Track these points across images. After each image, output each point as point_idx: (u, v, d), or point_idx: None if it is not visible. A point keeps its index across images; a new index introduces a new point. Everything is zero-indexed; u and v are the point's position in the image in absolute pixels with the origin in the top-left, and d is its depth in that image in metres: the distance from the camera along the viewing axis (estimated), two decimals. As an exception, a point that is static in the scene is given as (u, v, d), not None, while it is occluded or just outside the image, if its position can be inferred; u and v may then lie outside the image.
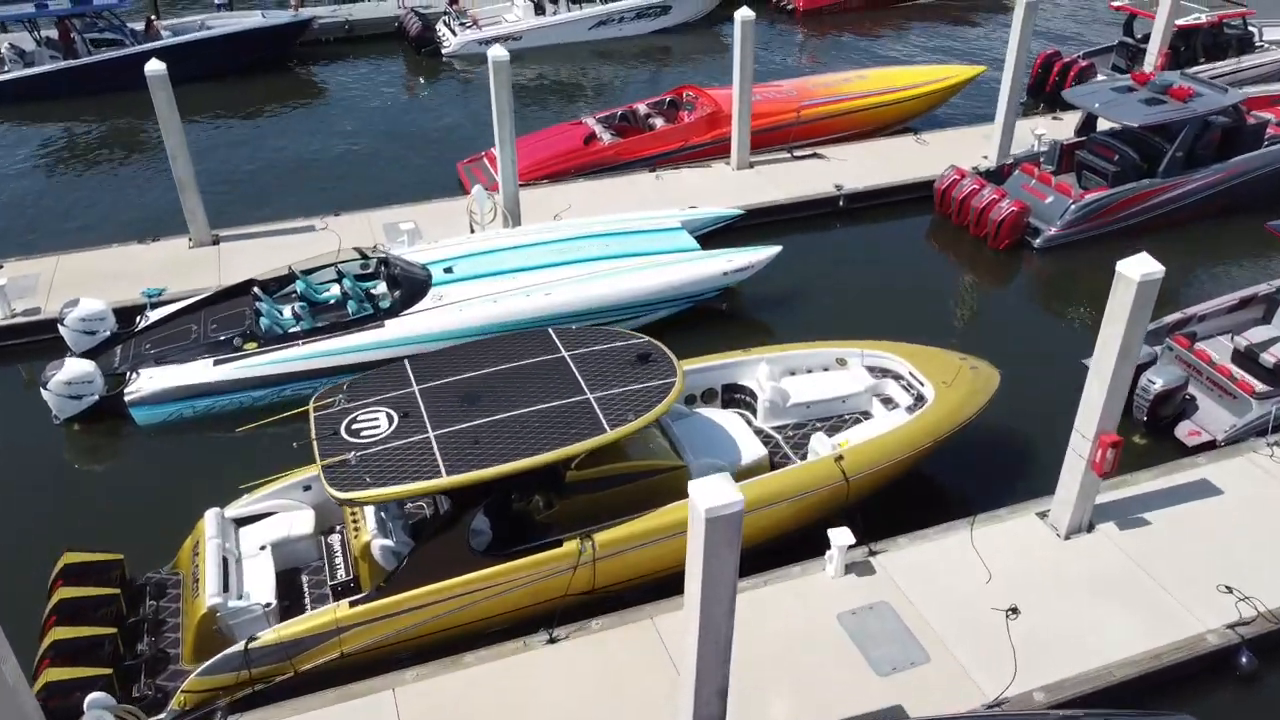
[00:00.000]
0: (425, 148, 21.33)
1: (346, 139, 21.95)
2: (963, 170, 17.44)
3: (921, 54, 27.52)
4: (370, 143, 21.74)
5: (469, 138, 21.37)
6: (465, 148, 20.65)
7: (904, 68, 22.12)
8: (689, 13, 29.48)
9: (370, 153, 21.19)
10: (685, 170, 18.64)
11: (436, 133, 22.24)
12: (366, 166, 20.47)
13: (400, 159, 20.77)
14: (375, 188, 19.07)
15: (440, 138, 21.90)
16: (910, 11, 31.62)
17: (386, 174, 20.02)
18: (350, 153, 21.20)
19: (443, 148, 21.11)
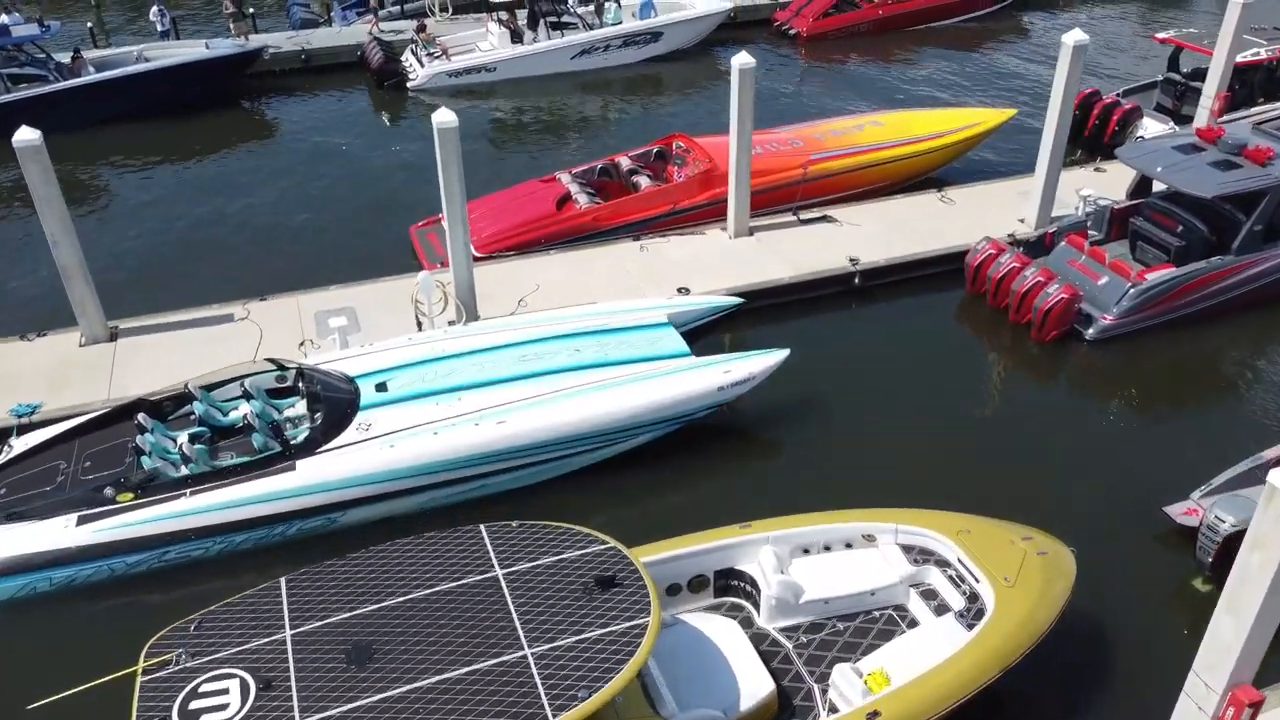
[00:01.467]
0: (379, 203, 18.88)
1: (288, 193, 19.49)
2: (999, 244, 15.00)
3: (938, 84, 25.13)
4: (316, 196, 19.29)
5: (430, 189, 18.78)
6: (425, 203, 18.16)
7: (923, 111, 19.69)
8: (681, 40, 27.08)
9: (314, 210, 18.74)
10: (675, 239, 16.19)
11: (394, 183, 19.78)
12: (308, 229, 18.02)
13: (349, 218, 18.31)
14: (314, 259, 16.65)
15: (398, 189, 19.44)
16: (924, 36, 29.24)
17: (330, 238, 17.56)
18: (291, 211, 18.73)
19: (399, 202, 18.65)
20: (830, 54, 28.02)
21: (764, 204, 16.70)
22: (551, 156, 20.92)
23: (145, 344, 13.56)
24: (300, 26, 28.01)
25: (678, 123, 22.53)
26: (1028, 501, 10.87)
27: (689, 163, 17.22)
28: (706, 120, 22.39)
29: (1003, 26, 30.33)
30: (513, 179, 19.06)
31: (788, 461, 12.04)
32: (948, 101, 23.73)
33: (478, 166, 20.07)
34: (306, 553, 10.59)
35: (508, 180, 18.89)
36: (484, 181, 18.80)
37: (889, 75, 25.99)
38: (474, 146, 21.49)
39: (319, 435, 10.79)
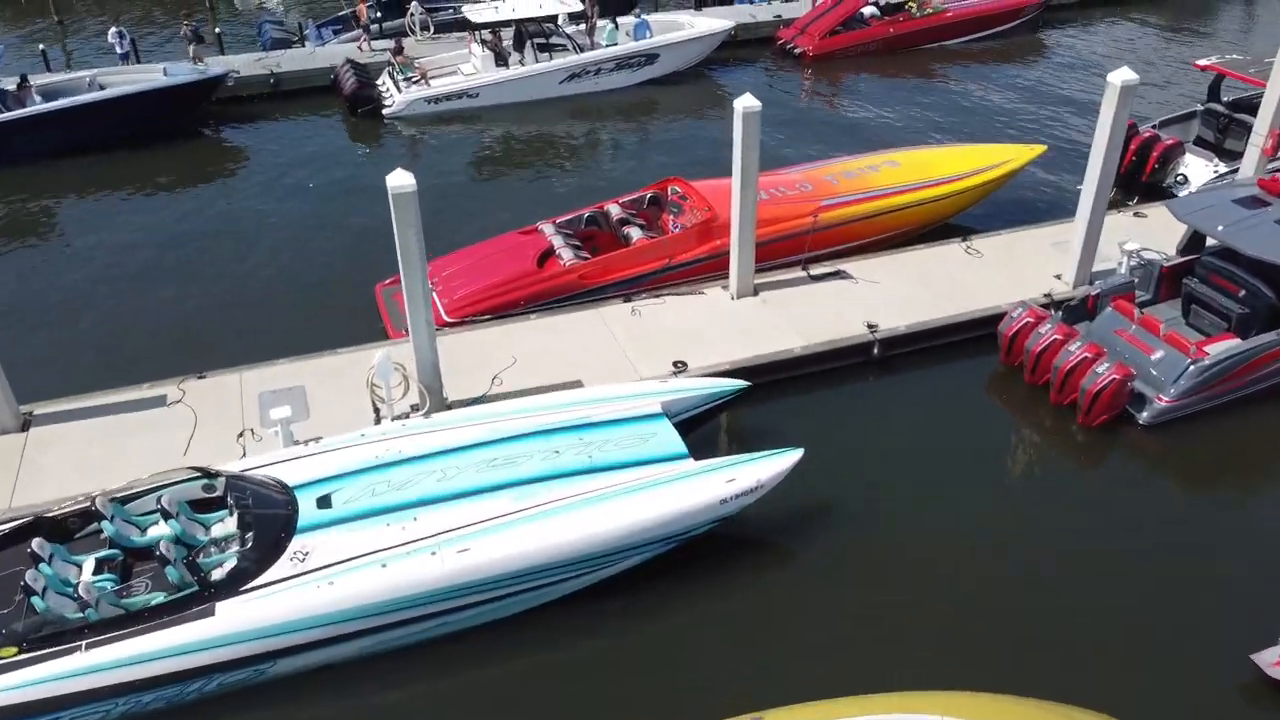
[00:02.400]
0: (346, 252, 17.25)
1: (245, 239, 17.86)
2: (1037, 311, 13.36)
3: (955, 109, 23.53)
4: (275, 244, 17.66)
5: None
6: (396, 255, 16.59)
7: (943, 148, 18.08)
8: (679, 61, 25.49)
9: (272, 260, 17.11)
10: (670, 299, 14.54)
11: (364, 228, 18.05)
12: (262, 283, 16.37)
13: (309, 271, 16.67)
14: (265, 321, 15.02)
15: (368, 235, 17.68)
16: (937, 55, 27.66)
17: (286, 295, 15.92)
18: (245, 260, 17.10)
19: (368, 252, 16.94)
20: (838, 74, 26.43)
21: (770, 255, 15.10)
22: (535, 196, 19.29)
23: (62, 435, 11.90)
24: (271, 47, 26.40)
25: (675, 156, 21.01)
26: (1082, 652, 9.28)
27: (686, 211, 15.59)
28: (706, 152, 20.84)
29: (1020, 44, 28.77)
30: (491, 223, 17.51)
31: (794, 585, 10.40)
32: (967, 130, 22.15)
33: (453, 209, 18.58)
34: (229, 707, 9.01)
35: (485, 226, 17.32)
36: (458, 228, 17.35)
37: (902, 99, 24.38)
38: (450, 183, 19.98)
39: (246, 566, 9.13)
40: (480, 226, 17.48)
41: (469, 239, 16.50)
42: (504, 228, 16.68)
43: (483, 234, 16.83)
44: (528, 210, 18.30)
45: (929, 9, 27.91)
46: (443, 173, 20.63)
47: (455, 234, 17.21)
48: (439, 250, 15.88)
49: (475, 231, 17.18)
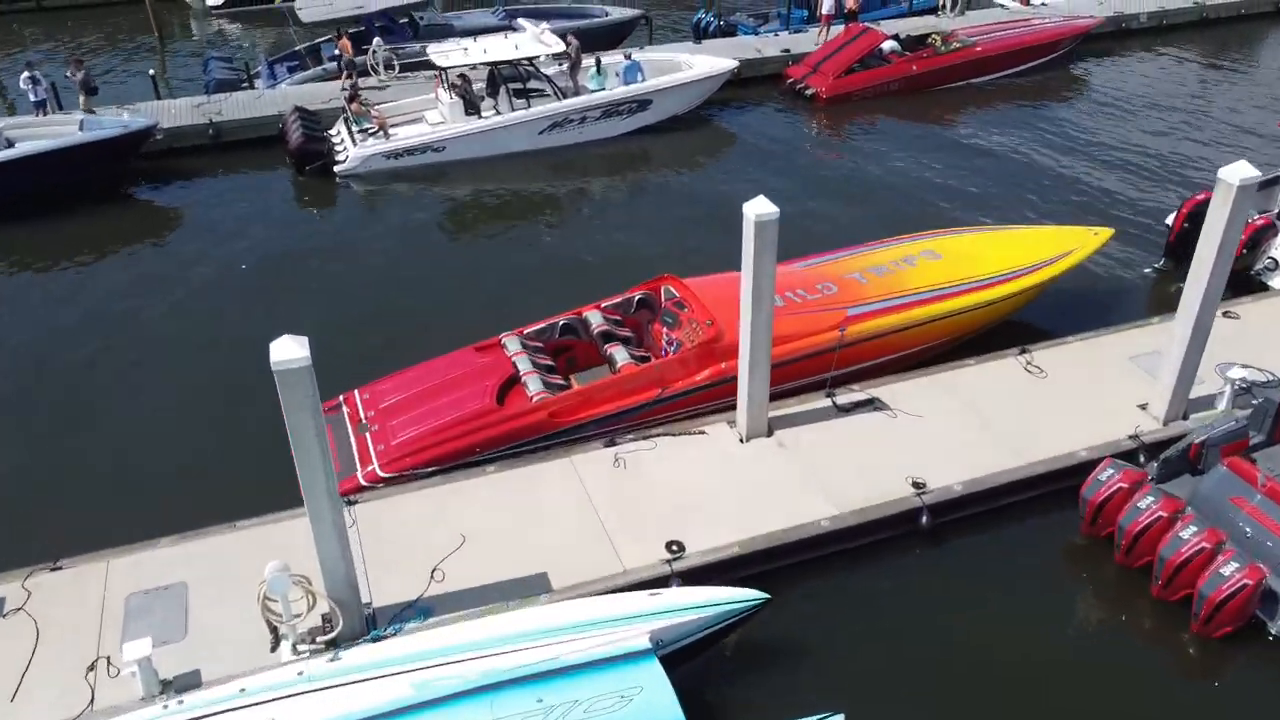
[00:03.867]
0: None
1: (145, 348, 15.05)
2: (1132, 474, 10.62)
3: (991, 163, 20.83)
4: (183, 355, 14.84)
5: (349, 342, 14.53)
6: (336, 366, 13.83)
7: (990, 232, 15.32)
8: (676, 106, 22.79)
9: (173, 377, 14.28)
10: (663, 443, 11.80)
11: (300, 330, 15.37)
12: (153, 414, 13.44)
13: (220, 392, 13.84)
14: (151, 474, 12.25)
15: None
16: (964, 95, 25.00)
17: (183, 431, 13.07)
18: (140, 381, 14.26)
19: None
20: (855, 119, 23.74)
21: (787, 378, 12.40)
22: (506, 277, 16.58)
23: None
24: (215, 89, 23.67)
25: (671, 221, 18.31)
26: None
27: (683, 322, 12.85)
28: (706, 215, 18.23)
29: (1054, 81, 26.14)
30: (449, 316, 15.03)
31: None
32: (1006, 191, 19.51)
33: (407, 294, 16.07)
34: None
35: (442, 319, 14.82)
36: (410, 320, 14.80)
37: (930, 150, 21.68)
38: (405, 260, 17.39)
39: None
40: (436, 320, 15.00)
41: (421, 337, 13.96)
42: (463, 324, 14.17)
43: (439, 330, 14.33)
44: (496, 298, 15.81)
45: (955, 44, 25.24)
46: (398, 244, 17.96)
47: (405, 329, 14.71)
48: (384, 356, 13.33)
49: (430, 327, 14.67)
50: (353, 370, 13.33)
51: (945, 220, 18.13)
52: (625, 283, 15.55)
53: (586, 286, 15.62)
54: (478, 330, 13.33)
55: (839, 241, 16.02)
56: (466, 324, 14.79)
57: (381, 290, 16.26)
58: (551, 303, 14.85)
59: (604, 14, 27.85)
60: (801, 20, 28.58)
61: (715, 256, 15.83)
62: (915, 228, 17.24)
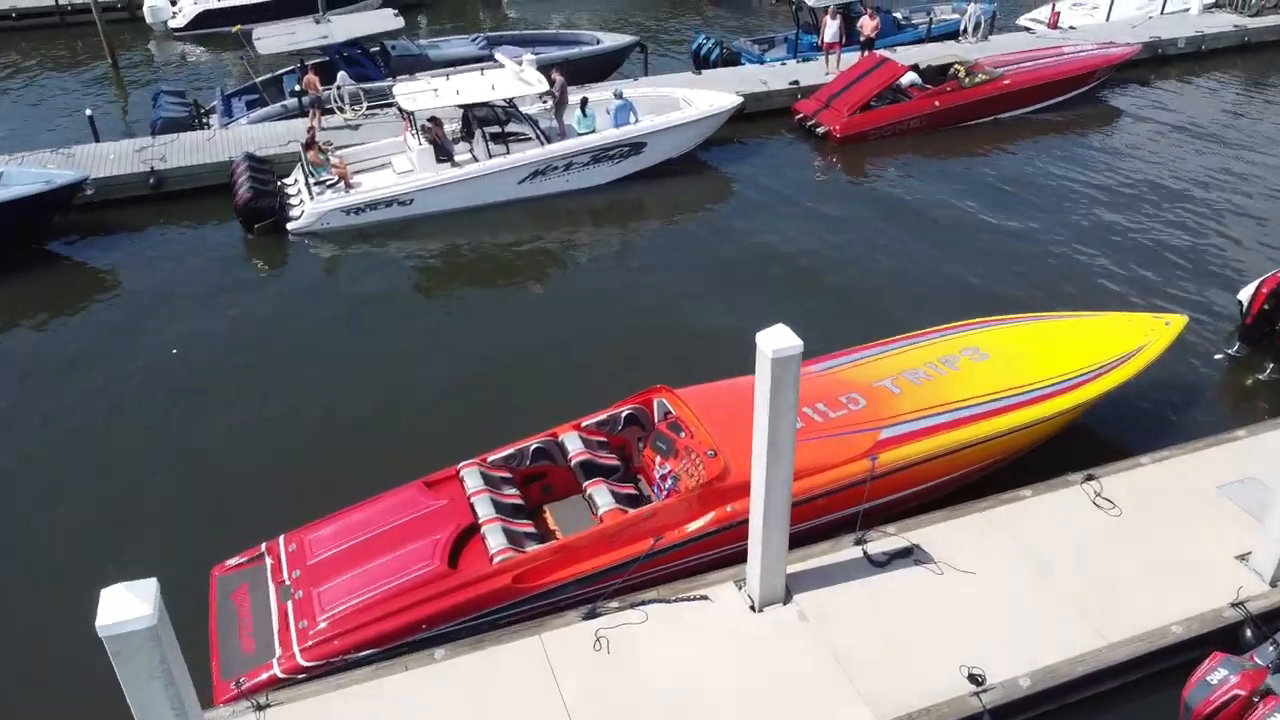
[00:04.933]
0: (205, 475, 12.34)
1: (47, 463, 12.87)
2: (1250, 675, 8.43)
3: (1030, 217, 18.63)
4: (92, 470, 12.67)
5: (276, 467, 12.42)
6: (264, 498, 11.76)
7: (1043, 322, 13.07)
8: (672, 149, 20.67)
9: (77, 495, 12.13)
10: (656, 614, 9.61)
11: (235, 431, 13.24)
12: (47, 557, 11.35)
13: (128, 520, 11.71)
14: (33, 640, 10.05)
15: (238, 446, 12.91)
16: (993, 131, 22.90)
17: (74, 575, 10.89)
18: (35, 508, 12.09)
19: (233, 479, 12.18)
20: (872, 162, 21.60)
21: (807, 516, 10.24)
22: (474, 368, 14.38)
23: None
24: (161, 130, 21.50)
25: (669, 289, 16.14)
26: None
27: (679, 450, 10.67)
28: (707, 287, 16.16)
29: (1088, 116, 24.02)
30: (398, 430, 12.75)
31: None
32: (1048, 251, 17.33)
33: (354, 391, 13.88)
34: None
35: (389, 433, 12.61)
36: (348, 440, 12.55)
37: (958, 200, 19.53)
38: (355, 343, 15.14)
39: None
40: (389, 426, 12.83)
41: (370, 452, 11.94)
42: (423, 430, 12.10)
43: (392, 440, 12.31)
44: (463, 392, 13.58)
45: (981, 76, 23.10)
46: (351, 323, 15.81)
47: (351, 441, 12.67)
48: (324, 479, 11.25)
49: (381, 438, 12.56)
50: (285, 499, 11.30)
51: (977, 288, 16.03)
52: (614, 370, 13.57)
53: (569, 380, 13.60)
54: (438, 441, 11.29)
55: (858, 317, 13.93)
56: (426, 430, 12.75)
57: (326, 385, 14.07)
58: (527, 404, 12.83)
59: (595, 41, 25.73)
60: (811, 47, 26.45)
61: (717, 340, 13.86)
62: (945, 295, 15.20)
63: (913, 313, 14.66)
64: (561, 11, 35.39)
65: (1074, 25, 29.11)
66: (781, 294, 15.95)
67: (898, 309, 15.25)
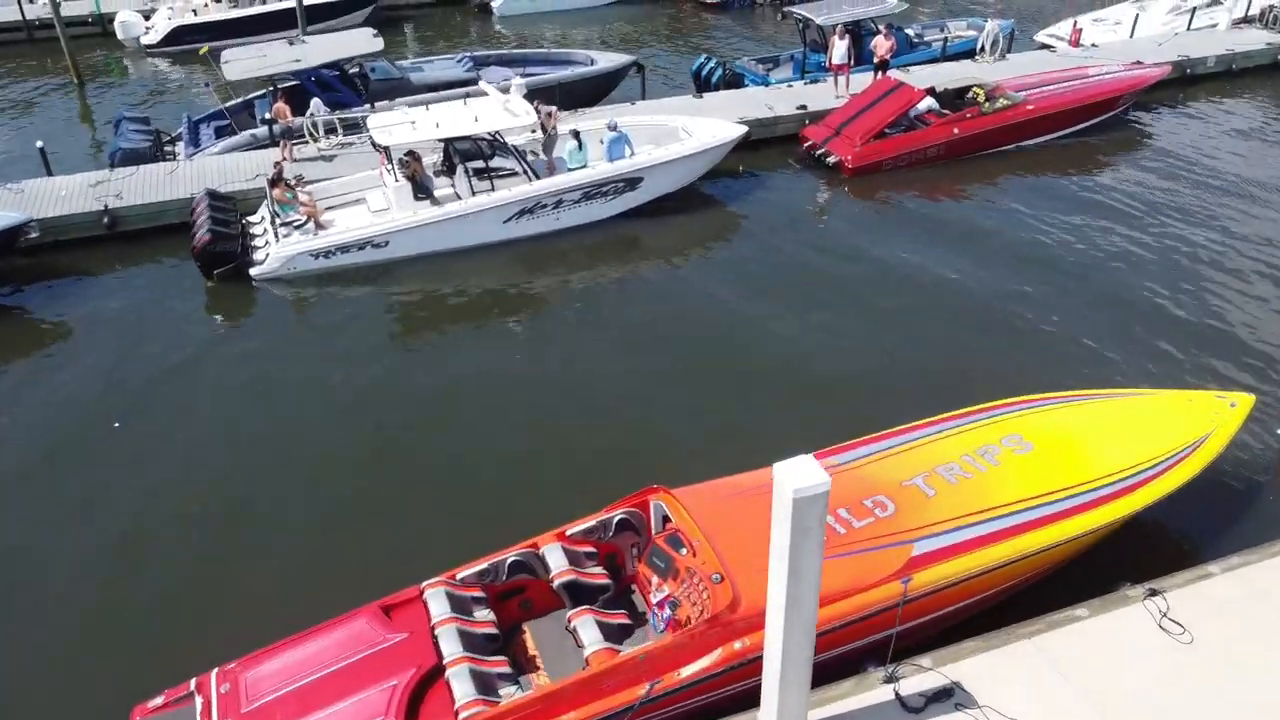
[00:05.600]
0: (119, 602, 10.87)
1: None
2: None
3: (1065, 261, 17.18)
4: (17, 559, 11.24)
5: (217, 574, 10.99)
6: (199, 619, 10.33)
7: (1090, 402, 11.58)
8: (671, 183, 19.27)
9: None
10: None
11: (185, 521, 11.81)
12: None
13: (51, 630, 10.27)
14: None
15: (178, 552, 11.47)
16: (1014, 163, 21.48)
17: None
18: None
19: (167, 603, 10.75)
20: (887, 196, 20.17)
21: (827, 646, 8.78)
22: (447, 448, 12.93)
23: None
24: (121, 161, 20.06)
25: (664, 354, 14.63)
26: None
27: (679, 571, 9.22)
28: (709, 346, 14.76)
29: (1116, 142, 22.66)
30: (360, 531, 11.30)
31: None
32: (1082, 300, 15.83)
33: (305, 485, 12.27)
34: None
35: (350, 531, 11.18)
36: (302, 539, 11.09)
37: (981, 241, 18.07)
38: (315, 415, 13.65)
39: None
40: (350, 525, 11.37)
41: (319, 565, 10.47)
42: (386, 534, 10.72)
43: (354, 541, 10.90)
44: (433, 479, 12.14)
45: (1003, 101, 21.68)
46: (315, 390, 14.32)
47: (307, 541, 11.20)
48: (274, 591, 9.86)
49: (334, 540, 11.08)
50: (225, 613, 9.86)
51: (1007, 353, 14.54)
52: (604, 454, 12.14)
53: (554, 468, 12.14)
54: (402, 545, 9.77)
55: (878, 384, 12.49)
56: (388, 532, 11.28)
57: (280, 471, 12.61)
58: (505, 498, 11.40)
59: (589, 62, 24.31)
60: (818, 67, 25.03)
61: (724, 416, 12.44)
62: (976, 356, 13.76)
63: (931, 367, 13.23)
64: (554, 24, 34.03)
65: (1096, 43, 27.71)
66: (793, 359, 14.56)
67: (916, 363, 13.83)
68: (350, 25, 32.90)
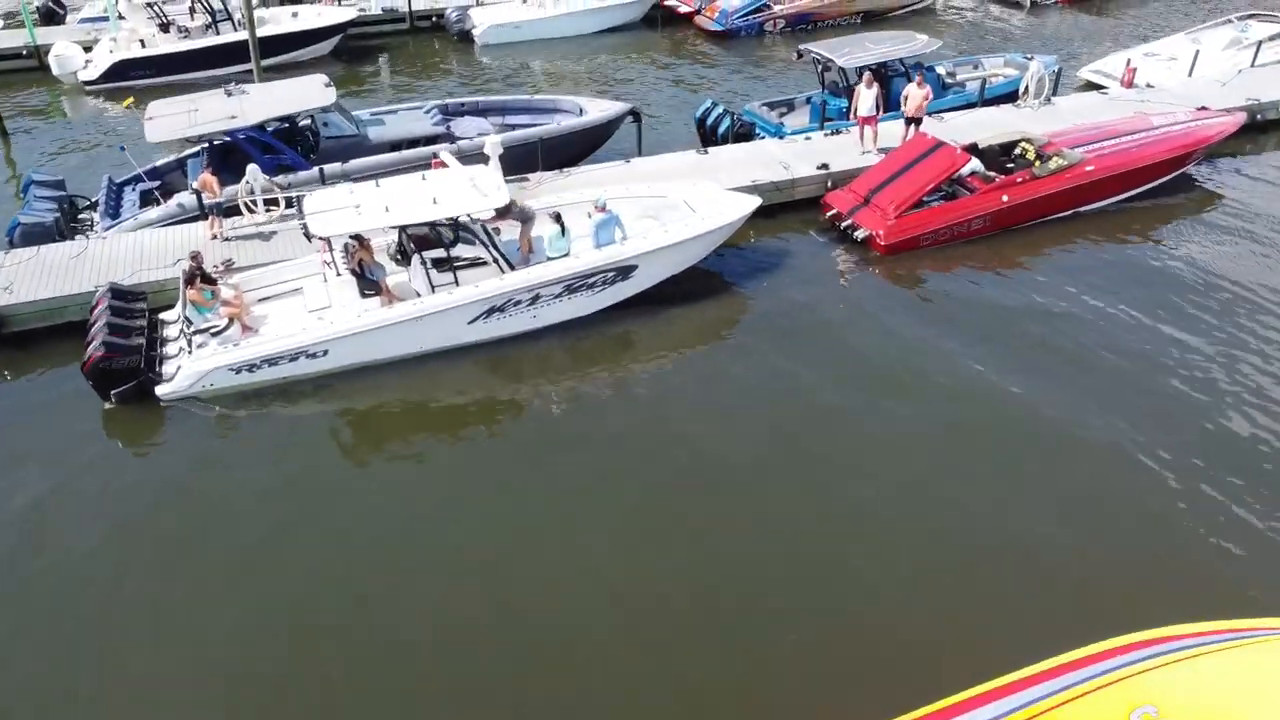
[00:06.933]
0: None
1: None
2: None
3: (1158, 366, 14.26)
4: None
5: None
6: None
7: (1236, 644, 8.65)
8: (670, 268, 16.40)
9: None
10: None
11: None
12: None
13: None
14: None
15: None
16: (1074, 231, 18.63)
17: None
18: None
19: None
20: (926, 275, 17.42)
21: None
22: (382, 664, 10.02)
23: None
24: (18, 241, 17.18)
25: (662, 505, 11.73)
26: None
27: None
28: (712, 490, 11.88)
29: (1186, 205, 19.86)
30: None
31: None
32: (1190, 442, 12.92)
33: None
34: None
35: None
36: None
37: (1055, 341, 15.17)
38: (193, 602, 10.69)
39: None
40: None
41: None
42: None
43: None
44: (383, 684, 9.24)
45: (1057, 160, 18.80)
46: (228, 526, 11.44)
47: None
48: None
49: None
50: None
51: (1109, 533, 11.59)
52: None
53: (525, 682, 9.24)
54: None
55: (914, 602, 9.66)
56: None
57: (171, 648, 9.74)
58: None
59: (578, 111, 21.44)
60: (840, 113, 22.14)
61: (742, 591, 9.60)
62: (1057, 542, 10.89)
63: (1010, 594, 10.33)
64: (540, 54, 31.20)
65: (1152, 83, 24.83)
66: (821, 521, 11.71)
67: (987, 584, 10.95)
68: (316, 56, 30.24)
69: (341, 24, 30.73)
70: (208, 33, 28.83)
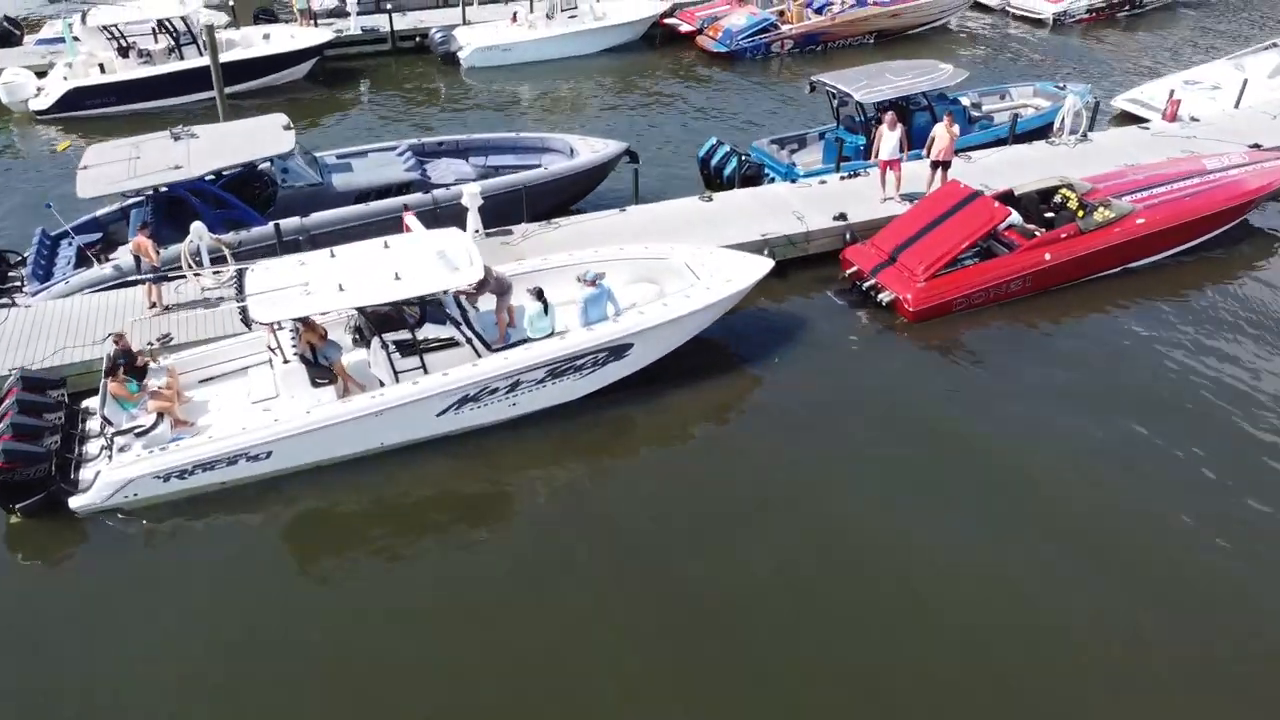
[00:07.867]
0: None
1: None
2: None
3: (1214, 447, 12.33)
4: None
5: None
6: None
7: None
8: (668, 344, 14.42)
9: None
10: None
11: None
12: None
13: None
14: None
15: None
16: (1126, 291, 16.68)
17: None
18: None
19: None
20: (961, 342, 15.53)
21: None
22: None
23: None
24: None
25: (665, 640, 9.81)
26: None
27: None
28: (717, 623, 9.91)
29: (1244, 259, 17.88)
30: None
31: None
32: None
33: None
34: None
35: None
36: None
37: (1111, 435, 13.23)
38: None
39: None
40: None
41: None
42: None
43: None
44: None
45: (1104, 211, 16.90)
46: (154, 663, 9.52)
47: None
48: None
49: None
50: None
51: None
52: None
53: None
54: None
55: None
56: None
57: None
58: None
59: (568, 151, 19.53)
60: (858, 152, 20.21)
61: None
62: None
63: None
64: (531, 79, 29.28)
65: (1196, 115, 22.91)
66: (848, 630, 9.79)
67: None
68: (290, 80, 28.29)
69: (317, 46, 28.80)
70: (171, 57, 26.91)
